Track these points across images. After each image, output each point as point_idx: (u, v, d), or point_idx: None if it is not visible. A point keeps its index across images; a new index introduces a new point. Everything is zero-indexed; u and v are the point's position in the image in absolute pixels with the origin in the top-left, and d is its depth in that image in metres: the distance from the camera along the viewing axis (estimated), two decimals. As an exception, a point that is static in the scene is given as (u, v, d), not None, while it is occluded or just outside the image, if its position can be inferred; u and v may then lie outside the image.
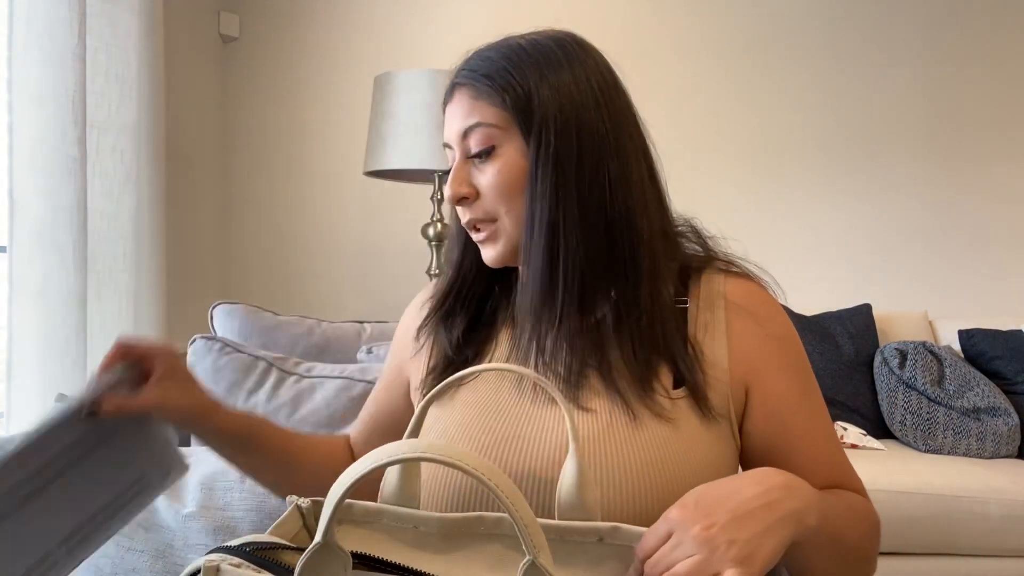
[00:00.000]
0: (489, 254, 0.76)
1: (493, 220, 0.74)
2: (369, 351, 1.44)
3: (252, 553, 0.52)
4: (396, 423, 0.86)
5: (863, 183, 2.81)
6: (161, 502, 0.97)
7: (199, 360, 1.27)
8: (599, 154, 0.71)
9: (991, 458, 2.09)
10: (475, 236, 0.77)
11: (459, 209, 0.76)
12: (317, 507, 0.61)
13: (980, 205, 2.77)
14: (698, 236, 0.78)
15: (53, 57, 1.56)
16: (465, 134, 0.73)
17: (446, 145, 0.77)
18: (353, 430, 0.92)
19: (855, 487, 0.73)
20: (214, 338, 1.30)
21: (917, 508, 1.82)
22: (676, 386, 0.70)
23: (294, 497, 0.62)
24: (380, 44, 2.85)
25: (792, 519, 0.55)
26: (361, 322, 1.61)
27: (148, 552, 0.94)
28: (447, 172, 0.77)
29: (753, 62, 2.83)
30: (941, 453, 2.12)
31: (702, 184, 2.81)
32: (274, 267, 2.90)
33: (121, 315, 1.86)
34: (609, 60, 0.77)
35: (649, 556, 0.53)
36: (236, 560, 0.51)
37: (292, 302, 2.84)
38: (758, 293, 0.76)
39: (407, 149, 2.07)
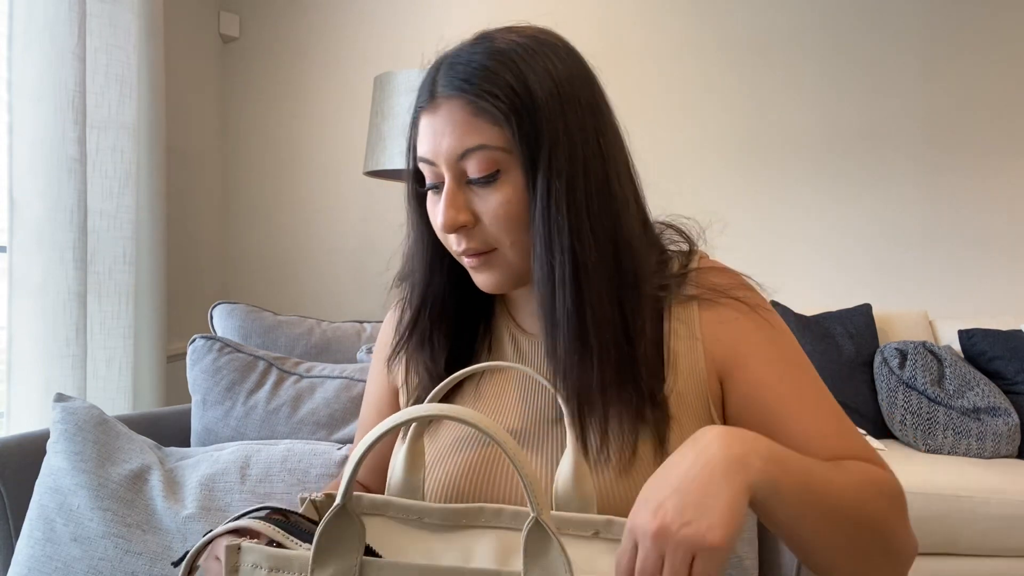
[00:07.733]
0: (486, 281, 0.71)
1: (492, 249, 0.69)
2: (369, 351, 1.44)
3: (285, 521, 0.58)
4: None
5: (864, 183, 2.81)
6: (160, 503, 0.97)
7: (199, 360, 1.27)
8: (603, 172, 0.67)
9: (991, 458, 2.09)
10: (468, 262, 0.70)
11: (451, 238, 0.69)
12: (329, 500, 0.64)
13: (980, 205, 2.77)
14: (680, 233, 0.76)
15: (53, 57, 1.56)
16: (462, 156, 0.66)
17: (424, 160, 0.70)
18: (360, 476, 0.88)
19: (864, 457, 0.66)
20: (214, 338, 1.30)
21: (917, 508, 1.82)
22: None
23: (306, 493, 0.64)
24: (380, 44, 2.85)
25: (736, 466, 0.52)
26: (361, 322, 1.60)
27: (147, 555, 0.93)
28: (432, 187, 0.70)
29: (755, 63, 2.83)
30: (941, 453, 2.12)
31: (703, 183, 2.81)
32: (274, 267, 2.90)
33: (121, 315, 1.86)
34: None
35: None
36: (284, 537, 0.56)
37: (292, 302, 2.84)
38: (731, 303, 0.71)
39: (407, 149, 2.07)
